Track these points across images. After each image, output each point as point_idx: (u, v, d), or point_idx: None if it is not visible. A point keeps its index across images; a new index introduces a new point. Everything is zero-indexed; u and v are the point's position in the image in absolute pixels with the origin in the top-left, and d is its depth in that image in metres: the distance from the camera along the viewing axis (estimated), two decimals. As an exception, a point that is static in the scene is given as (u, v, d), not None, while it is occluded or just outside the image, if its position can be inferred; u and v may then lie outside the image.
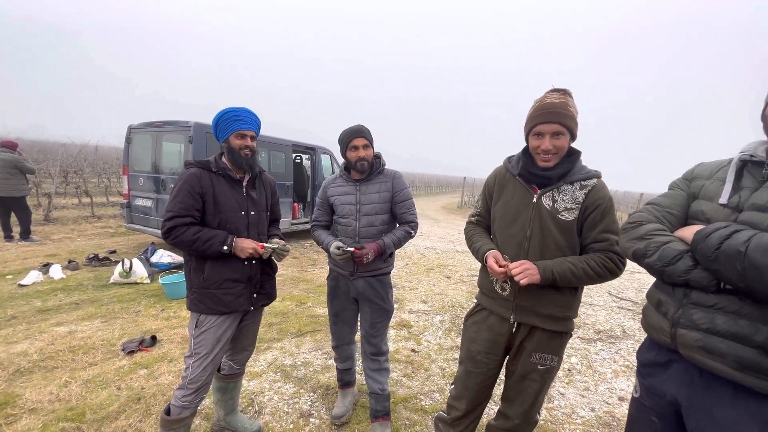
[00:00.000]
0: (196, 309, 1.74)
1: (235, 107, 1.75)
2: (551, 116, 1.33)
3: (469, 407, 1.66)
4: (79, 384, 2.46)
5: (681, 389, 1.09)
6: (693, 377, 1.07)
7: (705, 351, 1.01)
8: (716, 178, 1.14)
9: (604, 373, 3.06)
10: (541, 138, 1.37)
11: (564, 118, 1.34)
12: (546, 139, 1.36)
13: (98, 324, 3.39)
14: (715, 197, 1.10)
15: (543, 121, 1.35)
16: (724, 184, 1.09)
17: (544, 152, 1.37)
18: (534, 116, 1.37)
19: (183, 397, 1.71)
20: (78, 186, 10.74)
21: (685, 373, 1.09)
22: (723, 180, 1.10)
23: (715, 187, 1.12)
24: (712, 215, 1.09)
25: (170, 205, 1.66)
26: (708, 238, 0.97)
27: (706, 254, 0.97)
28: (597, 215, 1.39)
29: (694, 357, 1.04)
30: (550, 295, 1.44)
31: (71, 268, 4.94)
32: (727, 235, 0.94)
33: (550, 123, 1.34)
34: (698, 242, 0.99)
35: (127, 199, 6.25)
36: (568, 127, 1.36)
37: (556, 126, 1.34)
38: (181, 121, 5.57)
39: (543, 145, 1.36)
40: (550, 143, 1.35)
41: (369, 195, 2.02)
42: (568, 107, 1.34)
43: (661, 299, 1.15)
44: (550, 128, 1.34)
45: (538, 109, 1.37)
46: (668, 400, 1.13)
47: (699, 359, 1.03)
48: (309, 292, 4.65)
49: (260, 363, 2.88)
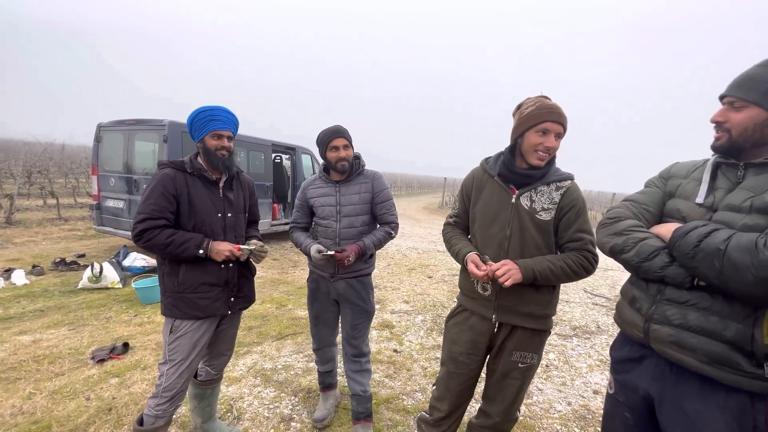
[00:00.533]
0: (171, 314, 1.68)
1: (210, 106, 1.70)
2: (560, 117, 1.38)
3: (452, 408, 1.67)
4: (44, 395, 2.33)
5: (653, 384, 1.13)
6: (664, 372, 1.11)
7: (677, 346, 1.05)
8: (692, 177, 1.18)
9: (580, 368, 3.16)
10: (546, 135, 1.39)
11: (566, 121, 1.40)
12: (551, 137, 1.39)
13: (65, 332, 3.23)
14: (692, 196, 1.14)
15: (552, 119, 1.37)
16: (700, 184, 1.13)
17: (546, 150, 1.40)
18: (540, 114, 1.37)
19: (157, 406, 1.65)
20: (43, 187, 10.20)
21: (656, 368, 1.13)
22: (699, 180, 1.15)
23: (691, 187, 1.16)
24: (688, 214, 1.13)
25: (142, 206, 1.60)
26: (687, 236, 1.00)
27: (684, 251, 1.00)
28: (572, 215, 1.44)
29: (666, 352, 1.08)
30: (530, 294, 1.47)
31: (35, 273, 4.68)
32: (706, 233, 0.97)
33: (557, 123, 1.38)
34: (677, 239, 1.03)
35: (96, 201, 5.97)
36: (565, 129, 1.42)
37: (560, 127, 1.39)
38: (155, 120, 5.37)
39: (548, 142, 1.38)
40: (552, 142, 1.39)
41: (349, 196, 2.01)
42: (563, 111, 1.40)
43: (635, 295, 1.19)
44: (557, 128, 1.39)
45: (543, 107, 1.38)
46: (641, 395, 1.16)
47: (671, 354, 1.06)
48: (289, 294, 4.58)
49: (239, 367, 2.81)
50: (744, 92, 1.02)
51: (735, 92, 1.04)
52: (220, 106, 1.72)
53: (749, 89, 1.01)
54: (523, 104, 1.45)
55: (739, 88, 1.04)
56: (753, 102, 1.00)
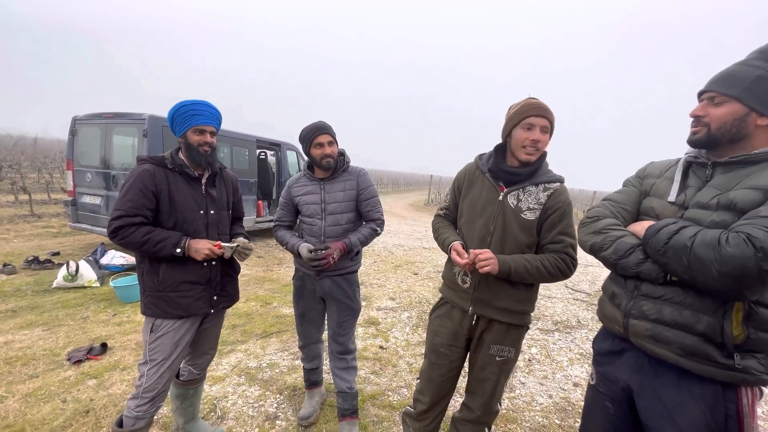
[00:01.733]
0: (151, 313, 1.64)
1: (192, 100, 1.66)
2: (543, 111, 1.42)
3: (434, 400, 1.69)
4: (17, 399, 2.25)
5: (632, 375, 1.18)
6: (643, 364, 1.16)
7: (653, 339, 1.09)
8: (666, 177, 1.22)
9: (561, 362, 3.25)
10: (531, 130, 1.42)
11: (551, 115, 1.43)
12: (537, 131, 1.42)
13: (39, 332, 3.11)
14: (665, 195, 1.18)
15: (536, 114, 1.41)
16: (673, 182, 1.17)
17: (533, 143, 1.43)
18: (525, 110, 1.43)
19: (137, 407, 1.61)
20: (14, 182, 9.77)
21: (636, 361, 1.18)
22: (672, 179, 1.19)
23: (664, 186, 1.20)
24: (661, 212, 1.17)
25: (119, 203, 1.56)
26: (658, 233, 1.04)
27: (656, 248, 1.04)
28: (556, 217, 1.47)
29: (644, 345, 1.12)
30: (506, 290, 1.51)
31: (7, 272, 4.49)
32: (675, 230, 1.01)
33: (542, 117, 1.42)
34: (649, 237, 1.07)
35: (72, 197, 5.77)
36: (552, 126, 1.45)
37: (545, 121, 1.42)
38: (134, 113, 5.21)
39: (533, 135, 1.42)
40: (539, 136, 1.42)
41: (334, 194, 2.00)
42: (551, 109, 1.44)
43: (615, 291, 1.23)
44: (542, 122, 1.42)
45: (527, 104, 1.43)
46: (621, 386, 1.21)
47: (648, 347, 1.11)
48: (275, 292, 4.54)
49: (223, 366, 2.77)
50: (725, 87, 1.06)
51: (716, 87, 1.07)
52: (202, 101, 1.68)
53: (730, 85, 1.05)
54: (512, 105, 1.51)
55: (720, 83, 1.07)
56: (733, 97, 1.04)
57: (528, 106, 1.43)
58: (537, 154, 1.46)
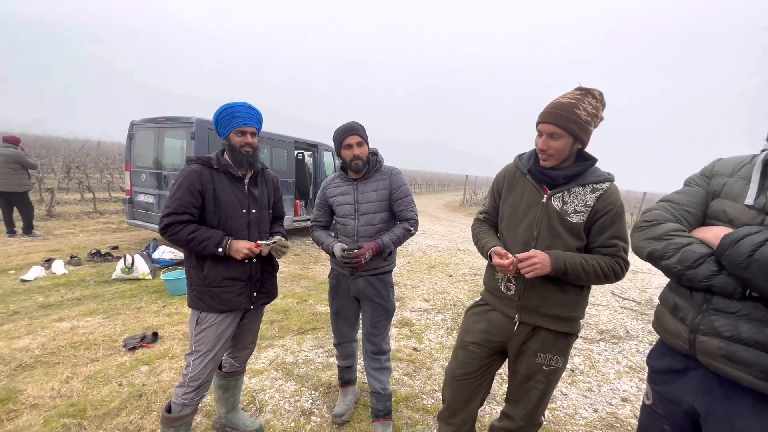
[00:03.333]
0: (197, 306, 1.73)
1: (233, 103, 1.72)
2: (548, 116, 1.33)
3: (452, 401, 1.63)
4: (80, 380, 2.46)
5: (699, 397, 1.06)
6: (711, 385, 1.04)
7: (727, 359, 0.97)
8: (739, 176, 1.07)
9: (607, 374, 3.04)
10: (540, 137, 1.38)
11: (563, 120, 1.31)
12: (543, 138, 1.35)
13: (100, 320, 3.39)
14: (739, 197, 1.04)
15: (542, 120, 1.35)
16: (749, 183, 1.03)
17: (540, 151, 1.38)
18: (539, 114, 1.37)
19: (184, 395, 1.70)
20: (80, 181, 10.76)
21: (702, 381, 1.06)
22: (747, 179, 1.04)
23: (739, 186, 1.05)
24: (736, 216, 1.03)
25: (169, 201, 1.65)
26: (738, 244, 0.92)
27: (735, 261, 0.92)
28: (607, 220, 1.37)
29: (715, 365, 1.00)
30: (555, 295, 1.42)
31: (73, 263, 4.94)
32: (761, 241, 0.89)
33: (547, 123, 1.33)
34: (726, 247, 0.94)
35: (129, 195, 6.25)
36: (568, 130, 1.32)
37: (551, 127, 1.33)
38: (183, 117, 5.55)
39: (540, 143, 1.37)
40: (544, 143, 1.35)
41: (367, 194, 2.00)
42: (575, 110, 1.30)
43: (677, 303, 1.11)
44: (547, 128, 1.34)
45: (545, 107, 1.37)
46: (684, 408, 1.09)
47: (721, 367, 0.99)
48: (310, 289, 4.64)
49: (261, 360, 2.87)
50: None
51: None
52: (242, 102, 1.73)
53: None
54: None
55: None
56: None
57: (544, 109, 1.37)
58: (552, 161, 1.38)
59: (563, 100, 1.33)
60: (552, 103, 1.34)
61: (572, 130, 1.31)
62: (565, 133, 1.31)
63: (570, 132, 1.31)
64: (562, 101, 1.33)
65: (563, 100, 1.33)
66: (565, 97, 1.34)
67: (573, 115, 1.30)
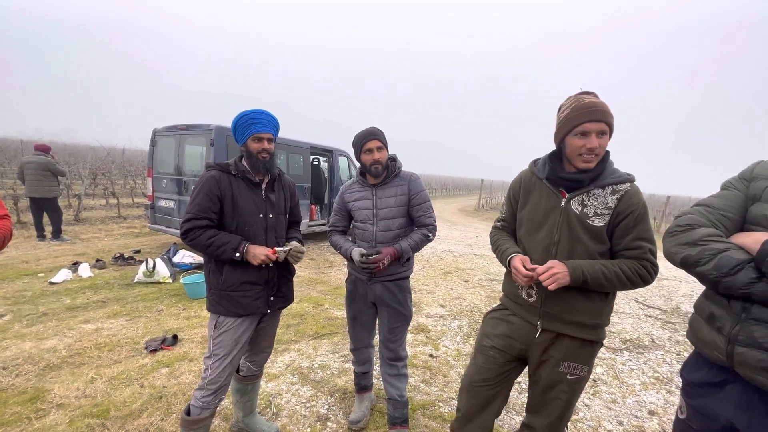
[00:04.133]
0: (215, 310, 1.75)
1: (251, 110, 1.75)
2: (598, 114, 1.29)
3: (469, 407, 1.59)
4: (104, 381, 2.53)
5: (737, 413, 1.00)
6: (751, 400, 0.98)
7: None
8: None
9: (633, 385, 2.93)
10: (586, 137, 1.31)
11: (608, 116, 1.30)
12: (593, 138, 1.30)
13: (123, 322, 3.49)
14: None
15: (590, 119, 1.29)
16: None
17: (589, 151, 1.31)
18: (578, 115, 1.30)
19: (203, 398, 1.72)
20: (106, 188, 11.17)
21: (741, 395, 1.00)
22: None
23: None
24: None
25: (189, 206, 1.69)
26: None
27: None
28: (630, 222, 1.32)
29: (755, 378, 0.95)
30: (579, 302, 1.37)
31: (98, 267, 5.11)
32: None
33: (597, 121, 1.29)
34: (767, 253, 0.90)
35: (151, 201, 6.44)
36: (611, 127, 1.32)
37: (602, 125, 1.29)
38: (203, 125, 5.69)
39: (590, 143, 1.30)
40: (594, 142, 1.30)
41: (385, 199, 1.99)
42: (608, 107, 1.30)
43: (714, 312, 1.05)
44: (597, 127, 1.29)
45: (579, 108, 1.31)
46: (722, 424, 1.04)
47: (761, 381, 0.93)
48: (326, 294, 4.66)
49: (278, 365, 2.89)
50: None
51: None
52: (260, 110, 1.77)
53: None
54: (562, 106, 1.38)
55: None
56: None
57: (580, 109, 1.29)
58: (596, 161, 1.34)
59: (595, 100, 1.31)
60: (588, 103, 1.30)
61: (612, 126, 1.32)
62: (609, 129, 1.32)
63: (611, 128, 1.32)
64: (595, 101, 1.30)
65: (595, 100, 1.31)
66: (590, 97, 1.31)
67: (610, 111, 1.31)
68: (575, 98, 1.34)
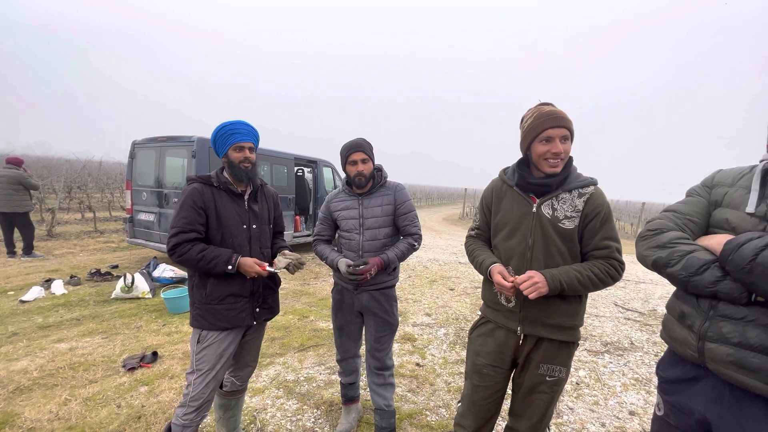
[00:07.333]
0: (198, 325, 1.72)
1: (231, 121, 1.76)
2: (559, 120, 1.36)
3: (477, 424, 1.62)
4: (78, 402, 2.42)
5: (710, 406, 1.05)
6: (722, 394, 1.03)
7: (737, 366, 0.97)
8: (740, 185, 1.11)
9: (614, 387, 3.00)
10: (550, 142, 1.38)
11: (568, 122, 1.38)
12: (557, 142, 1.37)
13: (99, 340, 3.36)
14: (741, 206, 1.07)
15: (552, 125, 1.37)
16: (749, 192, 1.06)
17: (555, 156, 1.38)
18: (540, 123, 1.38)
19: (184, 415, 1.68)
20: (81, 201, 10.81)
21: (713, 390, 1.05)
22: (747, 188, 1.08)
23: (740, 195, 1.09)
24: (738, 224, 1.06)
25: (174, 220, 1.67)
26: (741, 249, 0.94)
27: (739, 265, 0.94)
28: (597, 223, 1.40)
29: (724, 372, 1.00)
30: (557, 305, 1.43)
31: (73, 283, 4.92)
32: (763, 246, 0.91)
33: (559, 127, 1.36)
34: (729, 252, 0.96)
35: (129, 214, 6.27)
36: (572, 132, 1.40)
37: (563, 130, 1.37)
38: (184, 136, 5.62)
39: (554, 148, 1.37)
40: (558, 146, 1.37)
41: (372, 209, 2.02)
42: (566, 114, 1.38)
43: (684, 311, 1.11)
44: (560, 132, 1.37)
45: (541, 116, 1.38)
46: (696, 419, 1.09)
47: (730, 375, 0.99)
48: (311, 305, 4.61)
49: (263, 379, 2.83)
50: None
51: None
52: (239, 120, 1.78)
53: None
54: (524, 117, 1.46)
55: None
56: None
57: (542, 117, 1.38)
58: (561, 165, 1.41)
59: (554, 108, 1.38)
60: (549, 111, 1.38)
61: (573, 131, 1.39)
62: (570, 135, 1.39)
63: (572, 134, 1.40)
64: (555, 109, 1.38)
65: (554, 108, 1.38)
66: (551, 106, 1.40)
67: (569, 118, 1.38)
68: (536, 108, 1.42)
